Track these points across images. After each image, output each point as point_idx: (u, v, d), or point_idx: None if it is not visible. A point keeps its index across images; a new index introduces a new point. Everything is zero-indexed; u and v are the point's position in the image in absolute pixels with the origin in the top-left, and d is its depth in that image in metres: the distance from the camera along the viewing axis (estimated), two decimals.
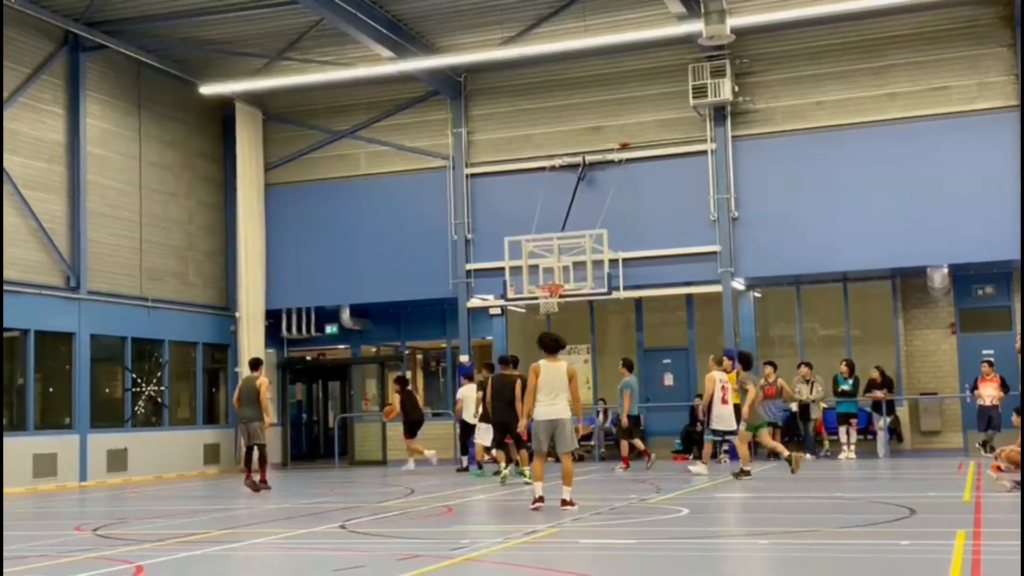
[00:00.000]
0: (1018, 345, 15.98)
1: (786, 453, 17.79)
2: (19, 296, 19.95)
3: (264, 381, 18.00)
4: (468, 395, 20.74)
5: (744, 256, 22.82)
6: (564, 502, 12.41)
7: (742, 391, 18.07)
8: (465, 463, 21.04)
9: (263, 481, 17.71)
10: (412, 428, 21.90)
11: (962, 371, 23.11)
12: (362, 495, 16.44)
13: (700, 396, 23.24)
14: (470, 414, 20.45)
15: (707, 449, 18.73)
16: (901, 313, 23.71)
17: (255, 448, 17.80)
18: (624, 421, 19.93)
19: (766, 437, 18.54)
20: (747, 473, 16.85)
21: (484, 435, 19.06)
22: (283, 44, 23.05)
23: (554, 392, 12.60)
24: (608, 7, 21.40)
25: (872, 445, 22.18)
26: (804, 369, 22.07)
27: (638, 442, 20.33)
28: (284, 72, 23.55)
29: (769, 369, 21.89)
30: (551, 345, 12.81)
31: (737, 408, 17.94)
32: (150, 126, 23.90)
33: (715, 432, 18.24)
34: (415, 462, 21.98)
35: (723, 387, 17.85)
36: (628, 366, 20.23)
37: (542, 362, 12.72)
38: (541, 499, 12.51)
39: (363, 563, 8.94)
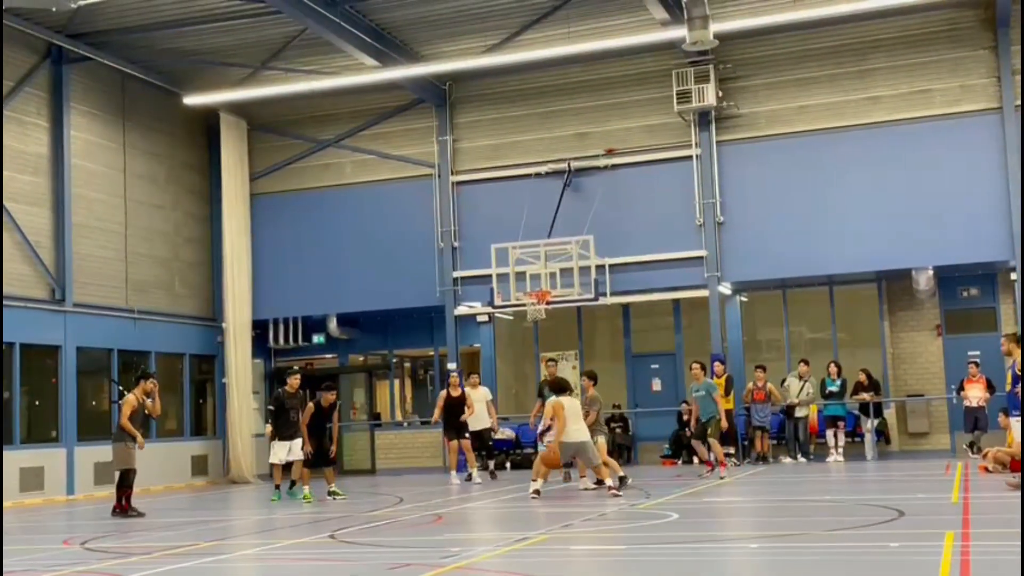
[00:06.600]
0: (1003, 347, 16.01)
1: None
2: (4, 309, 19.82)
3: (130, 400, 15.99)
4: (477, 398, 20.52)
5: (730, 260, 22.87)
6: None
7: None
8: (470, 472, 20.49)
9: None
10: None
11: (948, 372, 23.16)
12: (351, 504, 16.40)
13: (686, 402, 23.28)
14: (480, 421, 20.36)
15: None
16: (887, 315, 23.77)
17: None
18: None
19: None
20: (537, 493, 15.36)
21: (278, 453, 17.93)
22: (267, 54, 23.02)
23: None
24: (592, 14, 21.43)
25: (860, 447, 22.23)
26: (803, 367, 22.09)
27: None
28: (268, 82, 23.49)
29: (759, 373, 21.96)
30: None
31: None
32: (135, 138, 23.83)
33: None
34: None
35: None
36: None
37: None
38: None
39: (354, 572, 8.91)
